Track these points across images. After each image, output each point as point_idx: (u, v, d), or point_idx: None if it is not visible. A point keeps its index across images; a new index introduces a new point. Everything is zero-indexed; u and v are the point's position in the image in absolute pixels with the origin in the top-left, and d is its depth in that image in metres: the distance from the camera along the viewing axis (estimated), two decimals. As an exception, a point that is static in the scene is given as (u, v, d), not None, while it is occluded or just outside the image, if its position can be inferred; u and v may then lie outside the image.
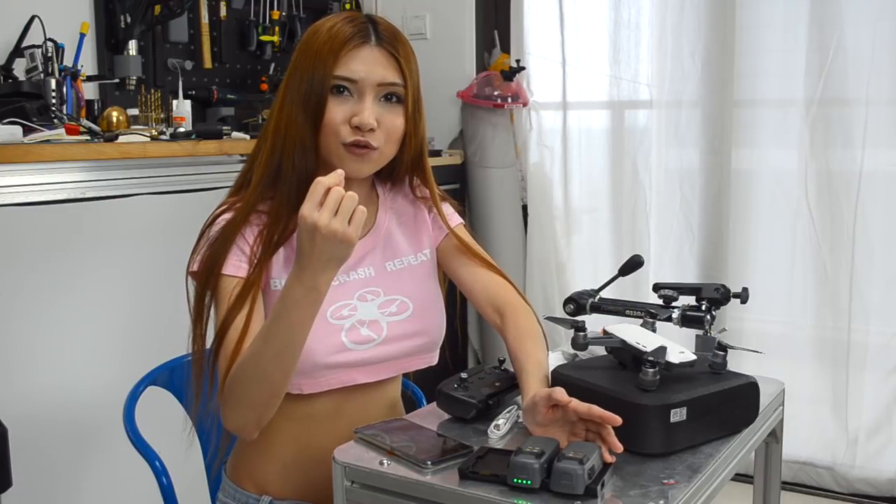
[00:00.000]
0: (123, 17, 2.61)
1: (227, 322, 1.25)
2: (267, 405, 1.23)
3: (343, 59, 1.28)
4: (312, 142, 1.29)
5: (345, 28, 1.29)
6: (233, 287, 1.27)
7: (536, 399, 1.13)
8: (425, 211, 1.47)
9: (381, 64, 1.29)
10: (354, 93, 1.29)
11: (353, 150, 1.29)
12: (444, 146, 3.40)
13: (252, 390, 1.21)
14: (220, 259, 1.28)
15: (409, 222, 1.46)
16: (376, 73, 1.29)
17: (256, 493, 1.37)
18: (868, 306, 2.79)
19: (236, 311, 1.25)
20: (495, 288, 1.43)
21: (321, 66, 1.27)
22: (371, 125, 1.28)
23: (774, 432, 1.38)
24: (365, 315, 1.35)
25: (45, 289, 2.30)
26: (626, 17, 3.10)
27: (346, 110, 1.28)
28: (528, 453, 1.01)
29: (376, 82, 1.29)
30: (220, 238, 1.29)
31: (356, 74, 1.28)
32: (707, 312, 1.36)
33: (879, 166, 2.74)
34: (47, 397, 2.30)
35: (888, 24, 2.67)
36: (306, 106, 1.28)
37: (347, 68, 1.28)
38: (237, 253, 1.29)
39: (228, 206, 1.34)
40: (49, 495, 2.32)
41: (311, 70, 1.28)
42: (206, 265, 1.29)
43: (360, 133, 1.28)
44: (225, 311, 1.26)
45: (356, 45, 1.28)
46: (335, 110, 1.28)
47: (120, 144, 2.13)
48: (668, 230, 3.10)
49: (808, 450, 2.89)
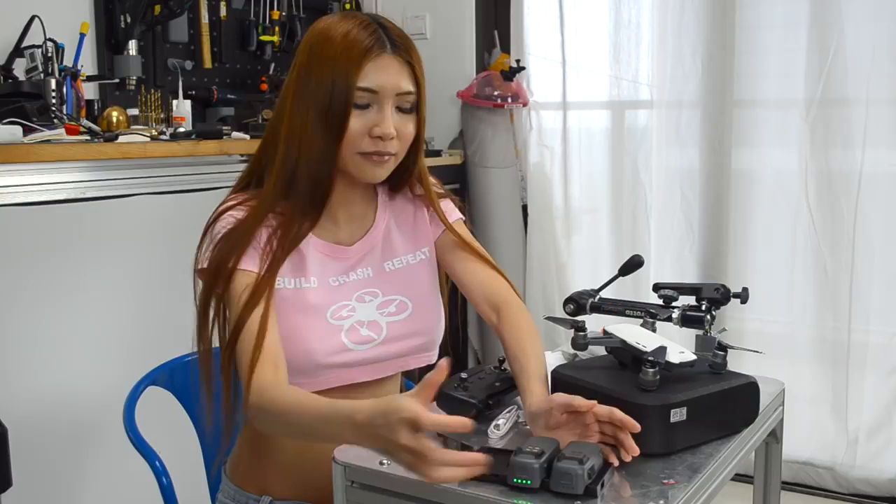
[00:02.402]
0: (123, 17, 2.61)
1: (242, 319, 1.23)
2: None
3: (364, 69, 1.26)
4: (331, 152, 1.29)
5: (360, 36, 1.27)
6: (246, 284, 1.26)
7: (552, 405, 1.12)
8: (425, 209, 1.47)
9: (398, 73, 1.29)
10: (374, 103, 1.28)
11: (371, 158, 1.30)
12: (444, 146, 3.40)
13: (281, 431, 1.26)
14: (233, 255, 1.27)
15: (408, 221, 1.46)
16: (395, 83, 1.29)
17: (256, 494, 1.37)
18: (868, 306, 2.79)
19: (251, 307, 1.24)
20: (492, 285, 1.43)
21: (342, 77, 1.26)
22: (393, 135, 1.29)
23: (774, 432, 1.38)
24: (364, 316, 1.35)
25: (45, 289, 2.30)
26: (626, 17, 3.10)
27: (367, 121, 1.28)
28: (528, 453, 1.01)
29: (395, 92, 1.29)
30: (233, 236, 1.28)
31: (377, 85, 1.27)
32: (707, 312, 1.36)
33: (879, 166, 2.74)
34: (47, 397, 2.30)
35: (888, 24, 2.67)
36: (327, 118, 1.27)
37: (369, 79, 1.27)
38: (251, 251, 1.28)
39: (235, 202, 1.33)
40: (49, 495, 2.32)
41: (331, 80, 1.26)
42: (216, 262, 1.28)
43: (381, 143, 1.28)
44: (240, 308, 1.24)
45: (375, 54, 1.27)
46: (355, 122, 1.28)
47: (120, 144, 2.13)
48: (668, 230, 3.10)
49: (808, 450, 2.89)
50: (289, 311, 1.29)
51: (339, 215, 1.37)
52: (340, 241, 1.37)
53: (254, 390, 1.18)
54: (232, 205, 1.32)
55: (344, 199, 1.37)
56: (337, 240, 1.37)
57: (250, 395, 1.19)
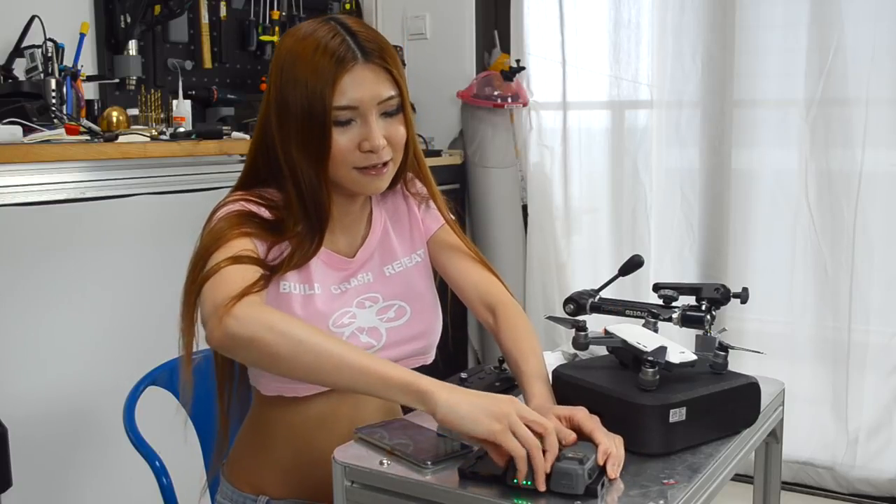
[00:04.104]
0: (123, 17, 2.61)
1: (238, 259, 1.17)
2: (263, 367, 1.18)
3: (338, 88, 1.22)
4: (320, 176, 1.26)
5: (330, 48, 1.22)
6: (248, 248, 1.22)
7: (559, 416, 1.11)
8: (415, 206, 1.46)
9: (374, 82, 1.24)
10: (357, 117, 1.25)
11: (368, 172, 1.28)
12: (444, 146, 3.40)
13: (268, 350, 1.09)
14: (241, 227, 1.23)
15: (402, 221, 1.45)
16: (374, 93, 1.24)
17: (253, 494, 1.37)
18: (868, 306, 2.79)
19: (247, 261, 1.19)
20: (486, 285, 1.42)
21: (317, 100, 1.22)
22: (383, 145, 1.26)
23: (774, 432, 1.38)
24: (364, 322, 1.34)
25: (45, 289, 2.30)
26: (626, 17, 3.10)
27: (353, 137, 1.25)
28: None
29: (376, 101, 1.25)
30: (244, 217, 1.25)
31: (355, 100, 1.23)
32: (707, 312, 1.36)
33: (879, 166, 2.74)
34: (47, 397, 2.30)
35: (888, 24, 2.67)
36: (308, 143, 1.24)
37: (347, 97, 1.23)
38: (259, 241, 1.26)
39: (240, 197, 1.30)
40: (49, 495, 2.32)
41: (307, 105, 1.22)
42: (219, 227, 1.23)
43: (373, 156, 1.26)
44: (236, 251, 1.19)
45: (347, 69, 1.22)
46: (341, 140, 1.25)
47: (120, 144, 2.13)
48: (668, 230, 3.10)
49: (808, 450, 2.89)
50: (293, 315, 1.28)
51: (337, 225, 1.36)
52: (340, 250, 1.37)
53: (250, 299, 1.11)
54: (238, 197, 1.30)
55: (343, 210, 1.36)
56: (337, 248, 1.36)
57: (244, 300, 1.10)
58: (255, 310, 1.10)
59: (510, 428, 1.00)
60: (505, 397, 1.05)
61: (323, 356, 1.07)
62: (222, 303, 1.10)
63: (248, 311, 1.09)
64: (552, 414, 1.11)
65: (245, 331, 1.08)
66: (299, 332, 1.08)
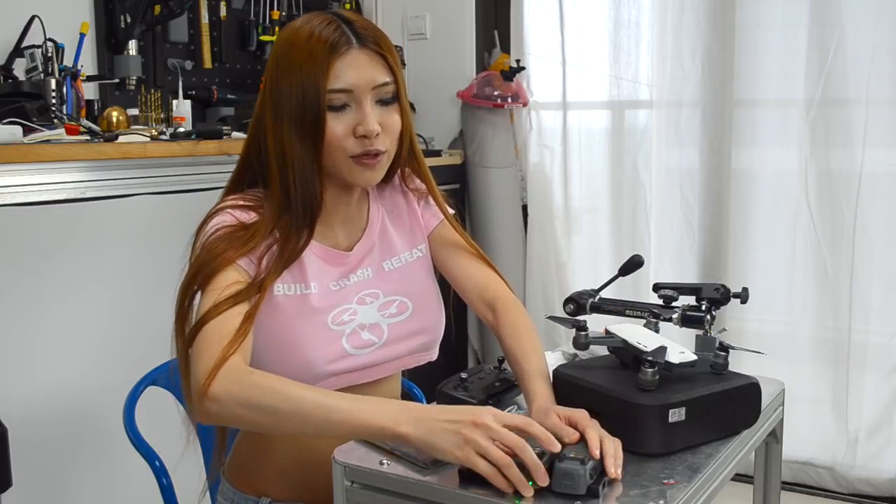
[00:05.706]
0: (123, 17, 2.61)
1: (219, 309, 1.17)
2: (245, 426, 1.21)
3: (332, 71, 1.22)
4: (314, 164, 1.26)
5: (324, 35, 1.23)
6: (236, 279, 1.21)
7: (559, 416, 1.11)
8: (414, 201, 1.45)
9: (369, 66, 1.25)
10: (351, 102, 1.25)
11: (362, 161, 1.27)
12: (444, 146, 3.40)
13: (254, 413, 1.11)
14: (231, 250, 1.23)
15: (401, 216, 1.44)
16: (368, 77, 1.24)
17: (255, 496, 1.37)
18: (868, 306, 2.79)
19: (235, 301, 1.19)
20: (486, 281, 1.41)
21: (311, 82, 1.22)
22: (377, 131, 1.25)
23: (774, 432, 1.38)
24: (365, 319, 1.33)
25: (45, 289, 2.30)
26: (626, 17, 3.10)
27: (348, 122, 1.25)
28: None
29: (371, 86, 1.25)
30: (233, 235, 1.25)
31: (350, 84, 1.23)
32: (707, 312, 1.36)
33: (879, 166, 2.74)
34: (47, 397, 2.30)
35: (888, 24, 2.67)
36: (301, 129, 1.24)
37: (339, 79, 1.23)
38: (248, 257, 1.25)
39: (232, 203, 1.30)
40: (49, 495, 2.32)
41: (300, 88, 1.22)
42: (208, 250, 1.23)
43: (367, 142, 1.25)
44: (223, 297, 1.18)
45: (341, 53, 1.23)
46: (335, 125, 1.24)
47: (120, 144, 2.13)
48: (668, 230, 3.10)
49: (808, 450, 2.89)
50: (288, 318, 1.27)
51: (334, 219, 1.35)
52: (338, 245, 1.36)
53: (227, 369, 1.11)
54: (229, 205, 1.29)
55: (339, 203, 1.35)
56: (335, 244, 1.35)
57: (220, 374, 1.10)
58: (233, 386, 1.10)
59: (477, 451, 0.99)
60: (473, 411, 1.02)
61: (304, 417, 1.08)
62: (202, 378, 1.11)
63: (225, 388, 1.10)
64: (553, 413, 1.10)
65: (224, 411, 1.11)
66: (276, 402, 1.09)
